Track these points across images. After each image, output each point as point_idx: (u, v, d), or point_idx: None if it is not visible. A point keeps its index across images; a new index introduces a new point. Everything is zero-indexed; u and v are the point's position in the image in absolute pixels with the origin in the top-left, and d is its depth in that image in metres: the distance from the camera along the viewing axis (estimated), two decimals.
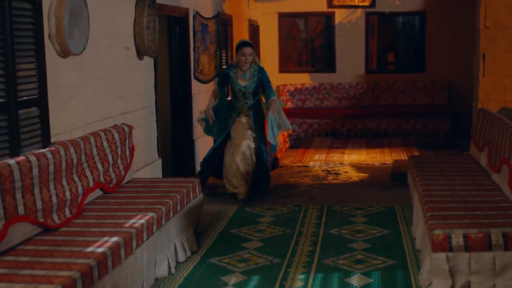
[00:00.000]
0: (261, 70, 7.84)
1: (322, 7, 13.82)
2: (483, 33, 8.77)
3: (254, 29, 13.25)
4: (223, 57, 10.46)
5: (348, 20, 13.72)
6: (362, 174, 9.19)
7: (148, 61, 7.15)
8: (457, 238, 4.49)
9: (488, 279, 4.51)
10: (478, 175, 6.21)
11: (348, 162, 10.16)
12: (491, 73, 8.81)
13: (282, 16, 14.03)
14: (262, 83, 7.80)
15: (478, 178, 6.08)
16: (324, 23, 13.97)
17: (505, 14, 8.68)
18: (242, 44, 7.79)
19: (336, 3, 13.70)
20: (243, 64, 7.71)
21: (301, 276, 5.20)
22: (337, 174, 9.23)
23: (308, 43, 14.06)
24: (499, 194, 5.43)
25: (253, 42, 13.03)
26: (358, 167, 9.73)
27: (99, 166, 5.43)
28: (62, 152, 4.76)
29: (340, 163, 10.08)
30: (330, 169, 9.58)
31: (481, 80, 8.86)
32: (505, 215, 4.79)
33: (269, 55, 13.92)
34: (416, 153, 10.34)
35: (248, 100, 7.81)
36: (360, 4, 13.61)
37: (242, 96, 7.79)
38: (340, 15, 13.75)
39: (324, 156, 10.79)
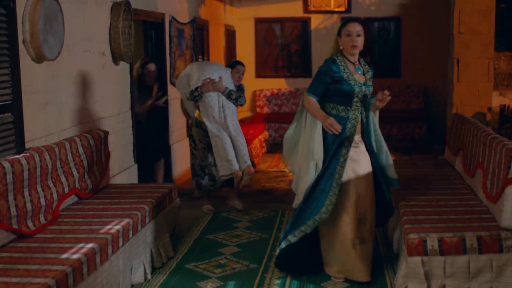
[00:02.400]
0: (372, 66, 5.41)
1: (298, 12, 13.87)
2: (457, 38, 8.87)
3: (230, 34, 13.26)
4: None
5: (324, 25, 13.79)
6: None
7: (124, 66, 7.12)
8: (432, 242, 4.53)
9: (463, 282, 4.55)
10: (453, 179, 6.26)
11: None
12: (465, 78, 8.90)
13: (259, 21, 14.06)
14: None
15: (453, 182, 6.13)
16: (300, 28, 14.01)
17: (479, 19, 8.78)
18: (349, 20, 5.25)
19: (312, 8, 13.76)
20: (350, 50, 5.11)
21: (278, 281, 5.21)
22: None
23: (285, 48, 14.10)
24: (473, 198, 5.48)
25: (229, 47, 13.11)
26: None
27: (75, 172, 5.40)
28: (37, 158, 4.73)
29: None
30: None
31: (455, 85, 8.95)
32: (480, 219, 4.84)
33: (246, 60, 13.89)
34: (392, 158, 10.39)
35: (362, 109, 5.24)
36: (336, 9, 13.67)
37: (359, 103, 5.15)
38: (316, 21, 13.80)
39: None
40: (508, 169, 4.58)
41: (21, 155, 4.63)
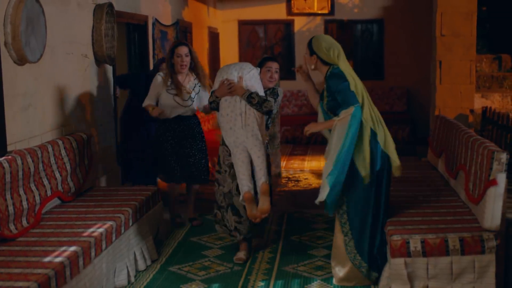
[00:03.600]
0: (331, 75, 5.13)
1: (282, 15, 13.90)
2: (439, 40, 8.91)
3: (214, 36, 13.25)
4: None
5: (307, 28, 13.82)
6: None
7: (107, 68, 7.10)
8: (415, 243, 4.55)
9: (446, 283, 4.57)
10: (436, 181, 6.29)
11: (309, 169, 10.21)
12: (447, 80, 8.95)
13: (242, 24, 14.07)
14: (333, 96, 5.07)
15: (436, 184, 6.16)
16: (284, 31, 14.05)
17: (461, 22, 8.83)
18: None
19: (295, 11, 13.79)
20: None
21: (261, 283, 5.21)
22: (298, 181, 9.27)
23: (268, 51, 14.12)
24: (456, 200, 5.50)
25: (213, 49, 13.09)
26: (318, 173, 9.78)
27: (57, 174, 5.37)
28: (19, 161, 4.70)
29: (301, 170, 10.12)
30: (290, 176, 9.61)
31: (438, 87, 8.99)
32: (462, 221, 4.87)
33: (229, 62, 13.89)
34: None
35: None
36: (319, 12, 13.72)
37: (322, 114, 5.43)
38: (299, 23, 13.84)
39: (284, 163, 10.82)
40: (490, 170, 4.61)
41: (3, 158, 4.60)
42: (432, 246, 4.53)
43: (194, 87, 6.54)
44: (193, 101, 6.54)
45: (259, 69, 5.86)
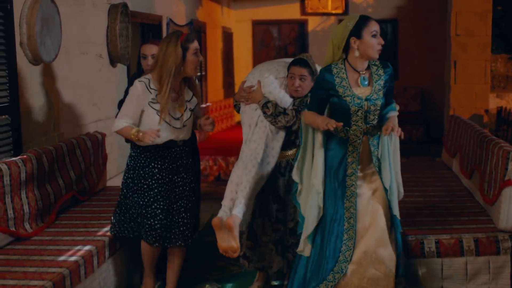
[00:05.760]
0: (388, 67, 4.46)
1: (296, 14, 13.89)
2: (454, 40, 8.88)
3: (227, 36, 13.26)
4: None
5: (321, 28, 13.80)
6: None
7: (121, 68, 7.12)
8: (429, 244, 4.53)
9: (460, 284, 4.56)
10: (450, 181, 6.26)
11: None
12: (462, 80, 8.91)
13: (256, 24, 14.07)
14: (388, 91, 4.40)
15: (450, 184, 6.13)
16: (298, 31, 14.03)
17: (476, 22, 8.80)
18: (369, 18, 4.09)
19: (309, 10, 13.78)
20: (375, 54, 4.19)
21: (275, 283, 5.20)
22: None
23: (282, 50, 14.11)
24: (470, 200, 5.48)
25: (227, 49, 13.10)
26: None
27: (72, 174, 5.39)
28: (34, 161, 4.72)
29: None
30: None
31: (452, 87, 8.96)
32: (477, 221, 4.84)
33: (243, 62, 13.94)
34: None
35: (371, 127, 4.24)
36: (333, 11, 13.69)
37: (361, 121, 4.15)
38: (313, 23, 13.82)
39: None
40: (505, 171, 4.59)
41: (18, 157, 4.62)
42: (447, 247, 4.52)
43: (191, 99, 4.60)
44: (188, 119, 4.54)
45: (284, 71, 4.61)
